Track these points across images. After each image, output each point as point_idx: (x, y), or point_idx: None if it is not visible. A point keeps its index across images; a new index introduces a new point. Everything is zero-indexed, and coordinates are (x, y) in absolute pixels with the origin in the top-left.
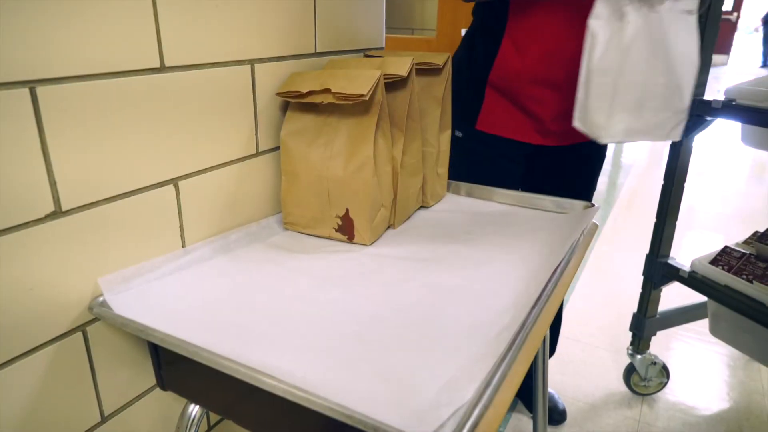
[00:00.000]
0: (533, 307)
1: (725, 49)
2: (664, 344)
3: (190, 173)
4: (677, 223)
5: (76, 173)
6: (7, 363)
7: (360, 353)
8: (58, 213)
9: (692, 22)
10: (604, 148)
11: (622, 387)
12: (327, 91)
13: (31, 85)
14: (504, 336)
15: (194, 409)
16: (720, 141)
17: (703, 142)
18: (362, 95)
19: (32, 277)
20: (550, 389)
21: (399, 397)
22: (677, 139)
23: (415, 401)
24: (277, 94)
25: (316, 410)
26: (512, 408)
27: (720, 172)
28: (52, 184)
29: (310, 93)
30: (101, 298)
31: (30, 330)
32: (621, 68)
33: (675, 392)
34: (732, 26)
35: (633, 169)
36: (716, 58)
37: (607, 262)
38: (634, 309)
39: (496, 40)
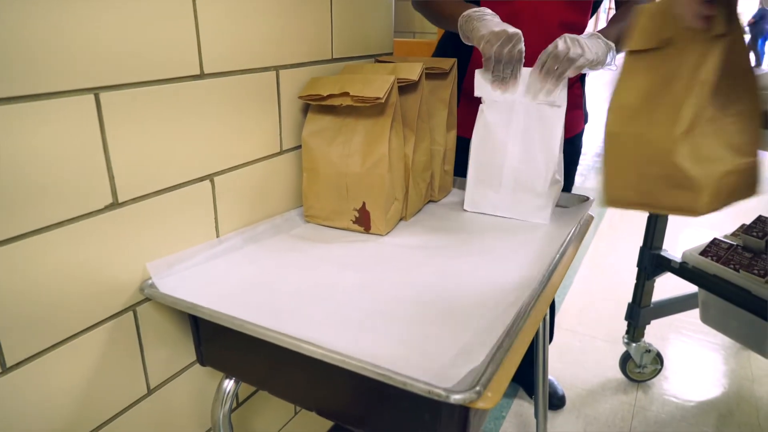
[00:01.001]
0: (536, 287)
1: None
2: (659, 335)
3: (223, 169)
4: (675, 220)
5: (130, 169)
6: (72, 337)
7: (383, 326)
8: (115, 204)
9: (558, 114)
10: (577, 145)
11: (619, 374)
12: (345, 94)
13: (96, 91)
14: (510, 311)
15: (229, 384)
16: None
17: None
18: (378, 98)
19: (92, 261)
20: (549, 376)
21: (421, 360)
22: (545, 222)
23: (436, 363)
24: (300, 97)
25: (351, 370)
26: (514, 394)
27: None
28: (111, 178)
29: (330, 96)
30: (150, 281)
31: (90, 308)
32: (485, 148)
33: (669, 379)
34: None
35: None
36: None
37: (604, 258)
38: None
39: (467, 48)
